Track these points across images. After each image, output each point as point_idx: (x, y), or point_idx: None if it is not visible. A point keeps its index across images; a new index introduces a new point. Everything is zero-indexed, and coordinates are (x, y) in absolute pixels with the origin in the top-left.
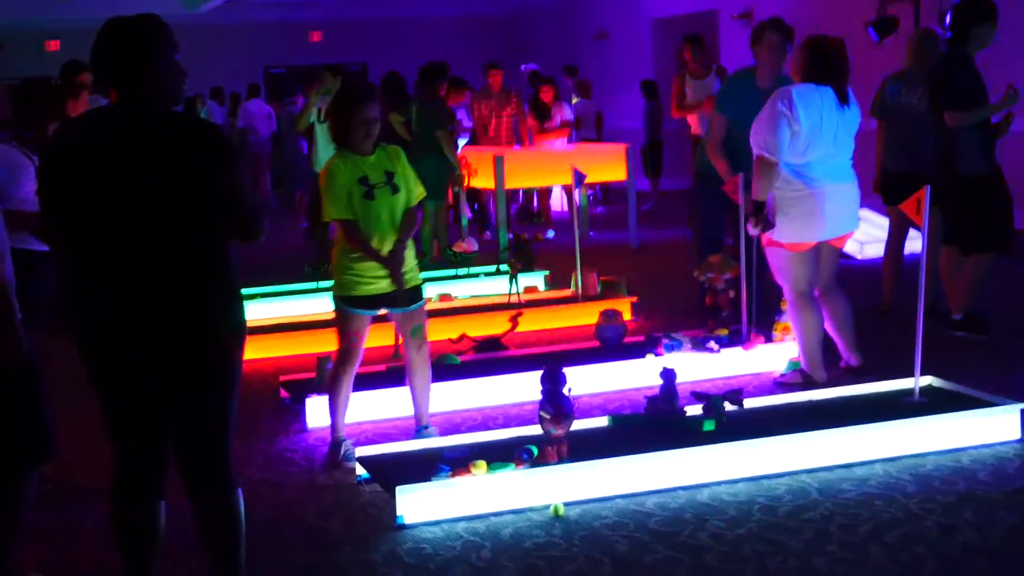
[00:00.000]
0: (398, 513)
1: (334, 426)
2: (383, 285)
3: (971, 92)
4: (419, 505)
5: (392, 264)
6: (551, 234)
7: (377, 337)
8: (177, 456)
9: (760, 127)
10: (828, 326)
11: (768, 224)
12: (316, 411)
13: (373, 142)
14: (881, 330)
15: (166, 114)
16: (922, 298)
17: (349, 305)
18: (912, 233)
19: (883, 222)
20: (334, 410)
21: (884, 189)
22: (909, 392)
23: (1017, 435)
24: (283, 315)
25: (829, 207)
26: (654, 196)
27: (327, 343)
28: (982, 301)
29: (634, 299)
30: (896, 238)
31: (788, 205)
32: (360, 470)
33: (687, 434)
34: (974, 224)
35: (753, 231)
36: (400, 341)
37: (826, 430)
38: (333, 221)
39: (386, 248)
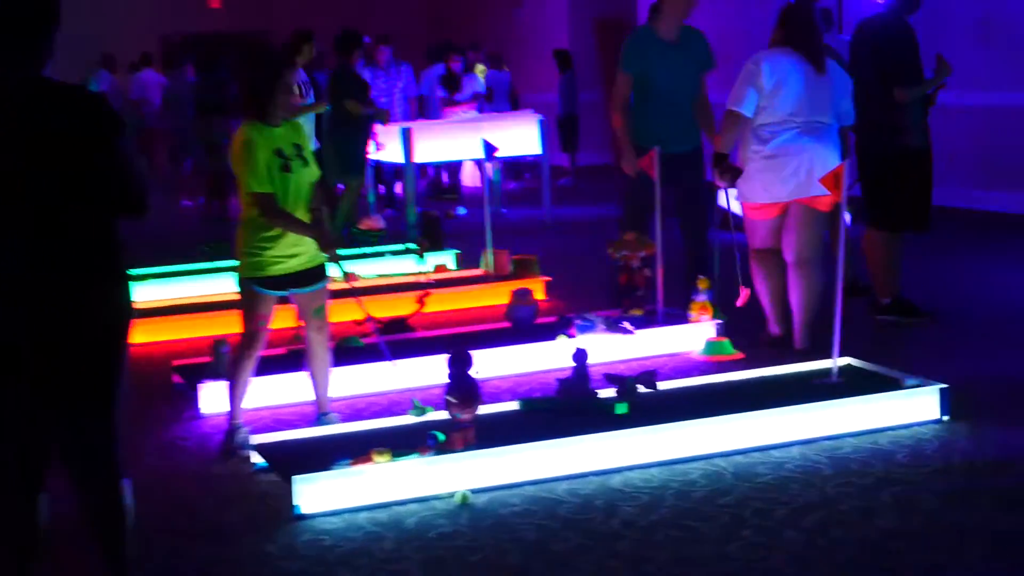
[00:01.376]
0: (295, 503)
1: (232, 413)
2: (293, 264)
3: (917, 65)
4: (318, 495)
5: (321, 232)
6: (462, 211)
7: (278, 319)
8: (60, 445)
9: (735, 84)
10: (791, 299)
11: (736, 173)
12: (210, 397)
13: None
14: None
15: (50, 84)
16: (840, 277)
17: (259, 286)
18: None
19: None
20: (233, 396)
21: None
22: (827, 373)
23: (936, 415)
24: (176, 296)
25: (790, 169)
26: (571, 171)
27: (222, 326)
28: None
29: (547, 278)
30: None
31: (747, 164)
32: (257, 458)
33: (599, 418)
34: (899, 200)
35: (720, 182)
36: (302, 323)
37: (741, 413)
38: (253, 195)
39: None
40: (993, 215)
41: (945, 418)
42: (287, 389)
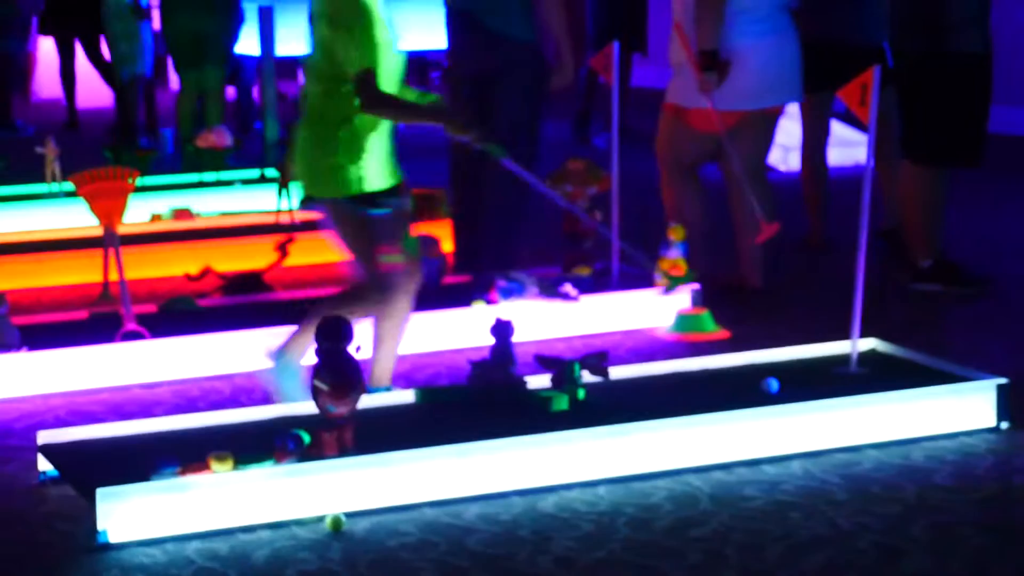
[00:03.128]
0: (100, 528)
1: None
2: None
3: None
4: (131, 517)
5: (449, 113)
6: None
7: (77, 271)
8: None
9: None
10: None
11: (726, 71)
12: None
13: None
14: (809, 276)
15: None
16: (864, 229)
17: (370, 207)
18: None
19: None
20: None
21: None
22: (844, 361)
23: (991, 421)
24: None
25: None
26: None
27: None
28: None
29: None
30: (813, 145)
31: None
32: (45, 465)
33: (528, 415)
34: (949, 126)
35: (705, 88)
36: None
37: (724, 412)
38: (362, 75)
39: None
40: None
41: (1004, 425)
42: (89, 368)
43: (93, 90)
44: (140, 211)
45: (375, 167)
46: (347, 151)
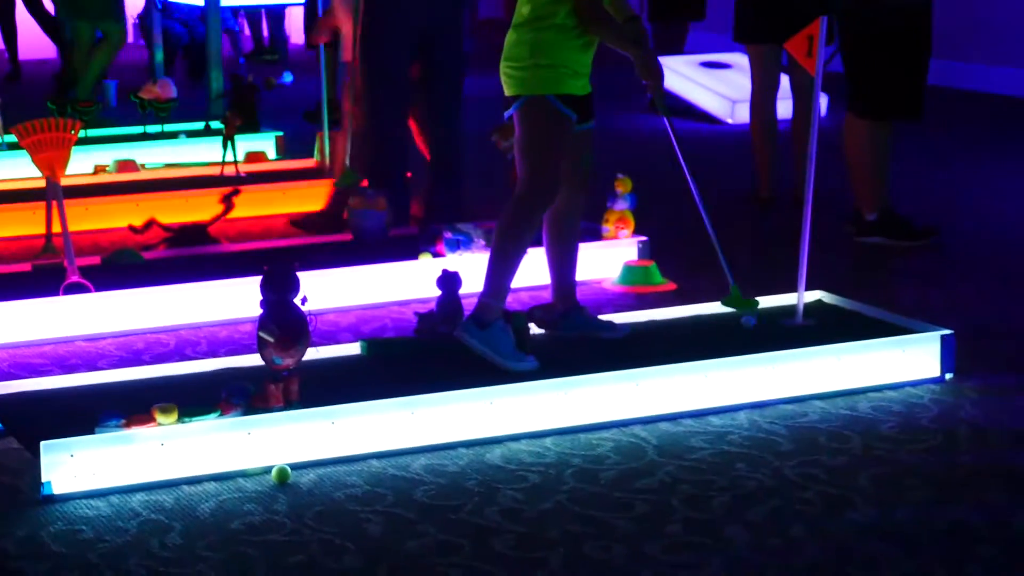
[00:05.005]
0: (43, 480)
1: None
2: (583, 85)
3: None
4: (75, 469)
5: (649, 50)
6: (288, 78)
7: (18, 223)
8: None
9: None
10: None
11: None
12: None
13: None
14: (756, 228)
15: None
16: (811, 181)
17: (564, 104)
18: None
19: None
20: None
21: (738, 21)
22: (790, 312)
23: (936, 372)
24: None
25: None
26: (469, 28)
27: None
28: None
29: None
30: (762, 97)
31: None
32: None
33: (474, 367)
34: (887, 77)
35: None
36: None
37: (669, 365)
38: None
39: None
40: (1003, 99)
41: (948, 376)
42: (33, 320)
43: (36, 41)
44: (83, 163)
45: (573, 73)
46: (546, 52)
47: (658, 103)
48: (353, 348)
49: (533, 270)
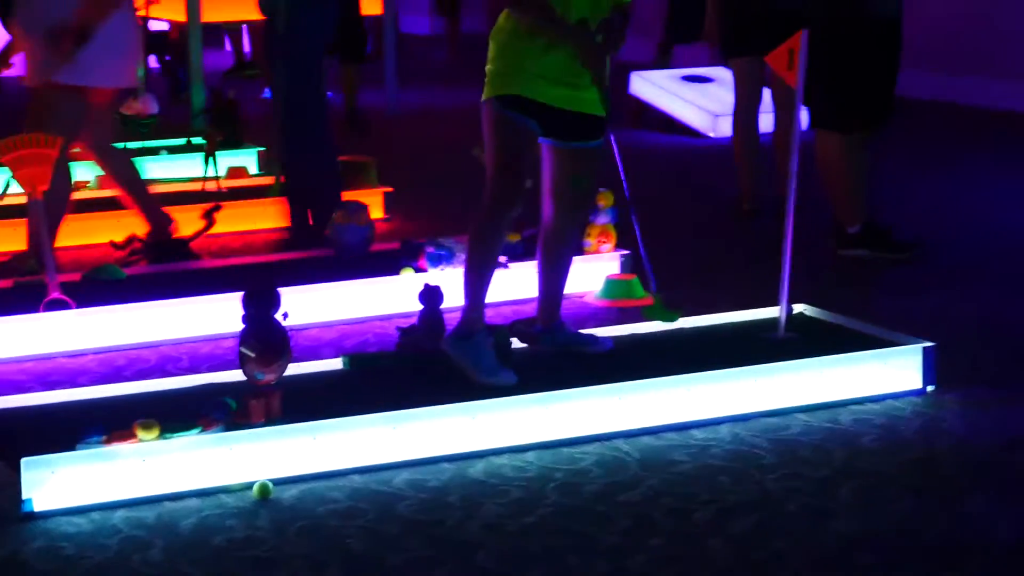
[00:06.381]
0: (24, 497)
1: (473, 306)
2: (563, 96)
3: None
4: (56, 485)
5: (586, 41)
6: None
7: (2, 240)
8: None
9: None
10: None
11: None
12: None
13: None
14: (739, 241)
15: None
16: (792, 194)
17: (509, 108)
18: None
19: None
20: (477, 283)
21: (721, 35)
22: (772, 325)
23: (918, 384)
24: None
25: None
26: (449, 42)
27: None
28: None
29: (388, 188)
30: (747, 108)
31: None
32: None
33: (457, 382)
34: (857, 91)
35: None
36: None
37: (652, 379)
38: None
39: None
40: (968, 109)
41: (930, 388)
42: (13, 337)
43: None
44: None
45: (531, 76)
46: (501, 56)
47: (599, 90)
48: (335, 363)
49: (515, 284)
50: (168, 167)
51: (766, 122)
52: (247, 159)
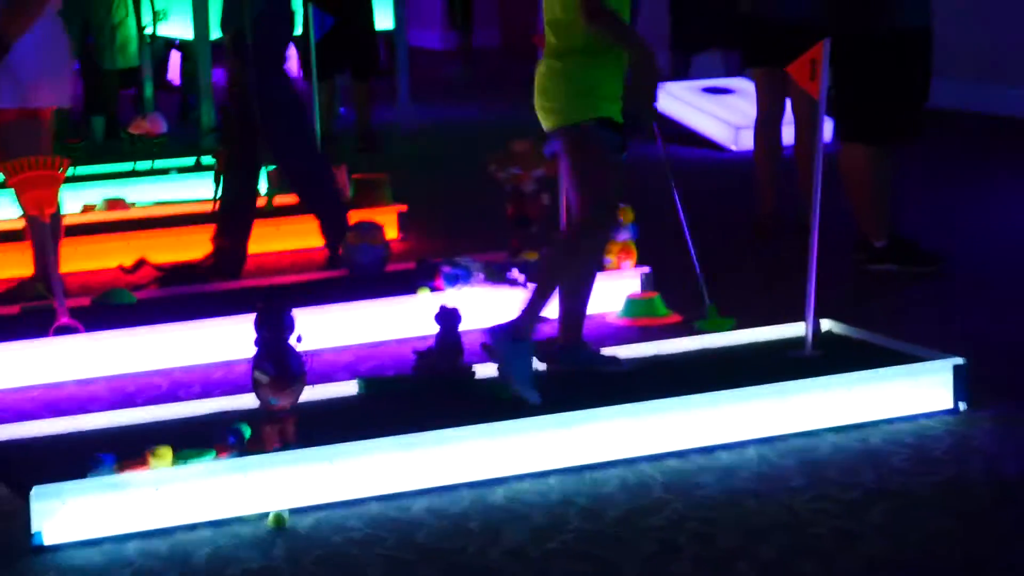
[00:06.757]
0: (34, 529)
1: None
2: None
3: None
4: (67, 516)
5: (648, 51)
6: None
7: (9, 265)
8: None
9: None
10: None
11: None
12: None
13: None
14: (762, 257)
15: None
16: (817, 208)
17: (610, 130)
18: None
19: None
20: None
21: (743, 43)
22: (799, 343)
23: (949, 403)
24: None
25: None
26: (463, 56)
27: None
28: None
29: (403, 207)
30: (767, 123)
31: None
32: None
33: (476, 405)
34: (891, 103)
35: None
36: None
37: (676, 398)
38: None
39: None
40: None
41: (962, 406)
42: (22, 364)
43: None
44: (72, 202)
45: (610, 96)
46: (583, 77)
47: (647, 107)
48: (351, 387)
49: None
50: (178, 188)
51: (789, 135)
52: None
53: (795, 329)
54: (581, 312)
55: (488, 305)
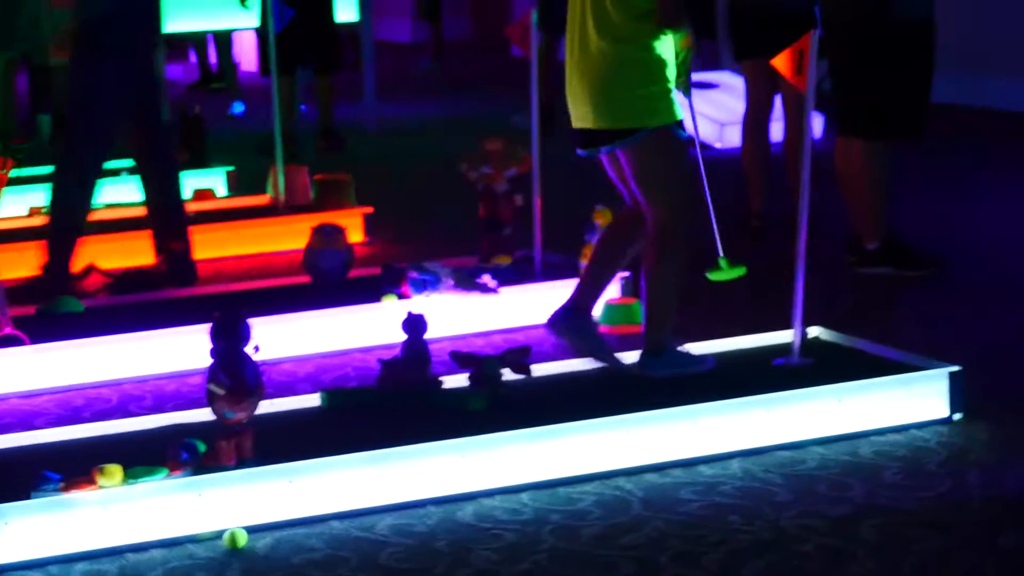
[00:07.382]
0: None
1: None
2: None
3: None
4: (10, 538)
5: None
6: (239, 108)
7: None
8: None
9: None
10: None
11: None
12: None
13: None
14: (748, 258)
15: None
16: (805, 208)
17: (682, 131)
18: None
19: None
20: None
21: (735, 35)
22: (785, 350)
23: (944, 412)
24: None
25: None
26: (433, 49)
27: None
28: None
29: (368, 209)
30: (756, 115)
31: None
32: None
33: (443, 418)
34: (889, 98)
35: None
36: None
37: (656, 410)
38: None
39: None
40: (1001, 114)
41: (957, 417)
42: None
43: None
44: (17, 205)
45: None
46: (655, 78)
47: (684, 78)
48: (312, 399)
49: (506, 312)
50: (128, 190)
51: (777, 131)
52: (215, 179)
53: (782, 336)
54: (595, 297)
55: (458, 312)
